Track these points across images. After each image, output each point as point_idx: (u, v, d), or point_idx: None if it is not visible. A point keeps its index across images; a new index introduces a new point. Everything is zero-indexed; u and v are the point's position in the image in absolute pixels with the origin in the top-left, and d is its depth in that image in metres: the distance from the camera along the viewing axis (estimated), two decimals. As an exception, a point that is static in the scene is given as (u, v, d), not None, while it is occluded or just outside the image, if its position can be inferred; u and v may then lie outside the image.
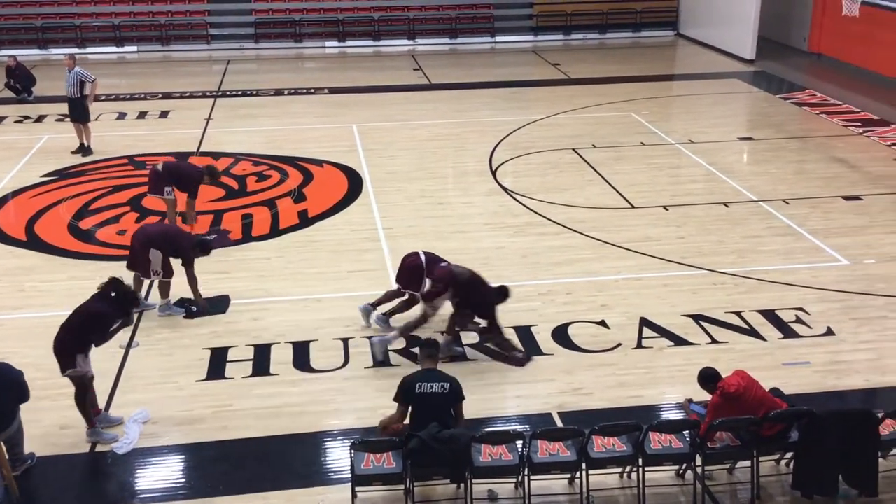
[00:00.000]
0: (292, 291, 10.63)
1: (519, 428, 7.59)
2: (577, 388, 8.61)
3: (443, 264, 9.30)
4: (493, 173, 14.85)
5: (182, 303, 10.13)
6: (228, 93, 20.68)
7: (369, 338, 9.31)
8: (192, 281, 9.90)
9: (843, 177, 14.41)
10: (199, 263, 10.03)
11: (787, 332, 9.55)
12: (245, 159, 15.63)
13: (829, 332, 9.50)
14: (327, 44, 26.18)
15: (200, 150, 16.23)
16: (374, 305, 9.71)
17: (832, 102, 19.06)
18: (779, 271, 10.95)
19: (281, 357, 9.17)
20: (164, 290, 10.04)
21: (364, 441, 6.86)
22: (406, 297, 9.49)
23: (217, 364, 9.05)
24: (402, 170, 15.06)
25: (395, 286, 9.76)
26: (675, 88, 21.62)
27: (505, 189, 14.08)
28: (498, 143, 16.43)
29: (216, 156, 15.74)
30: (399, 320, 9.41)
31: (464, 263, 11.12)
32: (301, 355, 9.20)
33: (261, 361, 9.09)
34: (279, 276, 11.06)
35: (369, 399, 8.37)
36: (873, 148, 15.93)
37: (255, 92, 20.74)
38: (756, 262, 11.26)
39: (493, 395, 8.51)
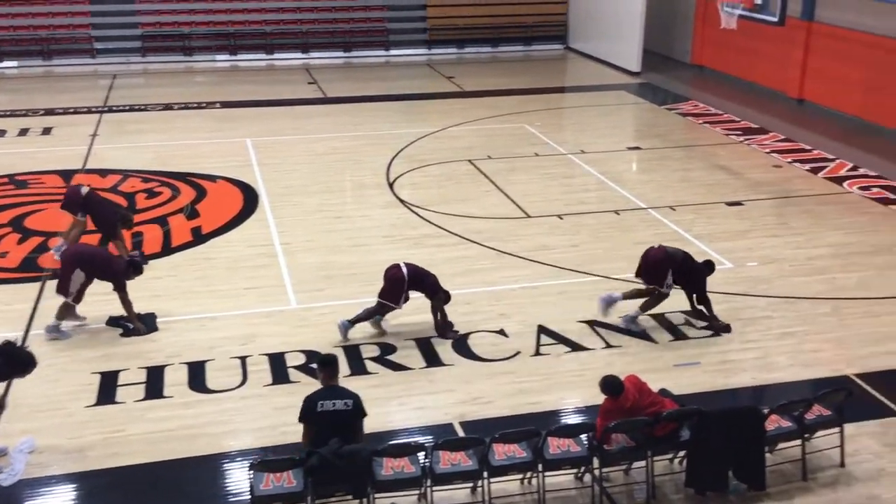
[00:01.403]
0: (186, 310, 10.36)
1: (420, 439, 7.59)
2: (477, 397, 8.67)
3: (655, 247, 10.05)
4: (391, 186, 14.87)
5: (115, 322, 9.91)
6: (115, 108, 20.05)
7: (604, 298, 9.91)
8: (127, 304, 9.74)
9: (726, 183, 15.04)
10: (90, 286, 9.71)
11: (677, 334, 9.88)
12: (134, 176, 15.17)
13: (717, 333, 9.87)
14: (218, 57, 25.70)
15: (86, 167, 15.67)
16: (353, 322, 9.66)
17: (714, 112, 19.89)
18: (668, 276, 11.31)
19: (175, 378, 8.92)
20: (63, 313, 9.71)
21: (263, 461, 6.74)
22: (376, 303, 9.61)
23: (107, 388, 8.73)
24: (298, 184, 14.91)
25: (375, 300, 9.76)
26: (565, 100, 22.16)
27: (402, 201, 14.11)
28: (394, 156, 16.46)
29: (103, 173, 15.24)
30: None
31: (362, 277, 11.18)
32: (196, 376, 8.97)
33: (154, 384, 8.82)
34: (172, 295, 10.76)
35: (268, 418, 8.23)
36: (753, 155, 16.69)
37: (143, 107, 20.17)
38: (647, 267, 11.59)
39: (394, 407, 8.50)
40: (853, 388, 8.39)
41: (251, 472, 6.66)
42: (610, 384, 7.21)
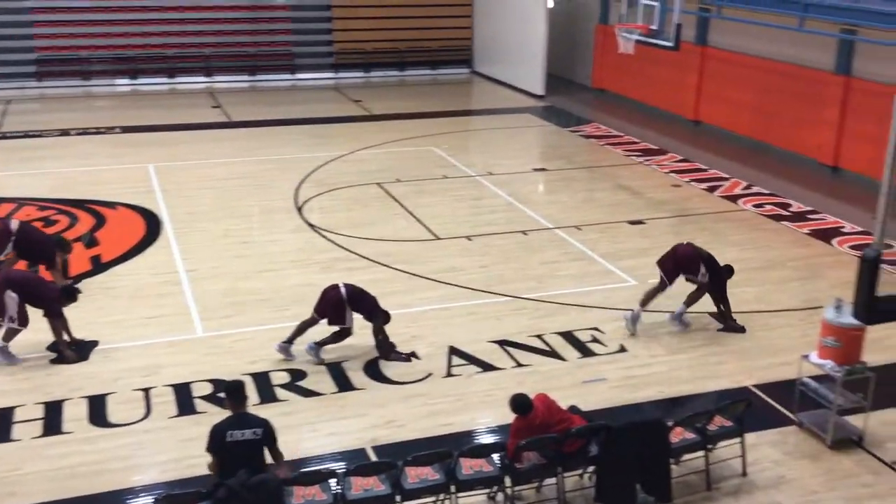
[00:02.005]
0: (86, 342, 10.01)
1: (332, 466, 7.50)
2: (389, 420, 8.64)
3: (683, 244, 10.71)
4: (299, 210, 14.74)
5: (54, 346, 9.70)
6: (9, 134, 19.30)
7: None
8: (58, 332, 9.59)
9: (628, 203, 15.47)
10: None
11: (584, 351, 10.07)
12: (29, 204, 14.60)
13: (623, 349, 10.11)
14: (118, 81, 25.05)
15: (-23, 195, 15.02)
16: (290, 341, 9.63)
17: (615, 134, 20.46)
18: (575, 294, 11.55)
19: (75, 413, 8.59)
20: (9, 336, 9.47)
21: (168, 496, 6.53)
22: (336, 330, 9.63)
23: (2, 425, 8.34)
24: (203, 210, 14.62)
25: (307, 317, 9.75)
26: (472, 123, 22.44)
27: (311, 226, 14.00)
28: (303, 180, 16.34)
29: (-4, 201, 14.64)
30: (329, 350, 9.66)
31: (271, 303, 11.03)
32: (97, 410, 8.66)
33: (52, 419, 8.48)
34: (72, 326, 10.36)
35: (173, 451, 8.01)
36: (653, 175, 17.22)
37: (39, 133, 19.48)
38: (554, 286, 11.82)
39: (305, 434, 8.38)
40: (753, 398, 8.71)
41: (156, 507, 6.46)
42: (519, 403, 7.28)
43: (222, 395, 8.29)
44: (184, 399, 8.89)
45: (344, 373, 9.47)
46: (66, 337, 9.72)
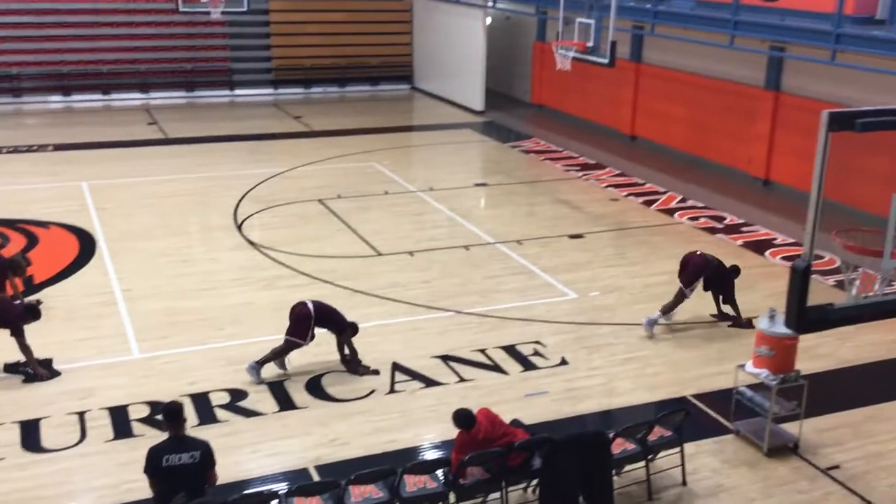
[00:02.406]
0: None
1: (275, 487, 7.40)
2: (332, 438, 8.57)
3: (697, 252, 11.00)
4: (239, 228, 14.57)
5: (14, 368, 9.57)
6: (-65, 152, 18.72)
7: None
8: (26, 350, 9.47)
9: (568, 217, 15.66)
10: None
11: (527, 364, 10.14)
12: (-43, 224, 14.18)
13: (564, 362, 10.21)
14: (51, 98, 24.50)
15: None
16: (261, 363, 9.53)
17: (555, 149, 20.71)
18: (517, 308, 11.63)
19: (6, 439, 8.33)
20: None
21: (105, 521, 6.37)
22: (283, 342, 9.56)
23: (-72, 455, 8.05)
24: (140, 228, 14.36)
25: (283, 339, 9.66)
26: (413, 139, 22.50)
27: (252, 243, 13.86)
28: (242, 197, 16.17)
29: (-79, 222, 14.16)
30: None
31: (211, 322, 10.88)
32: (30, 435, 8.41)
33: (-18, 447, 8.21)
34: (2, 349, 10.07)
35: (110, 475, 7.82)
36: (592, 190, 17.47)
37: (-33, 150, 18.94)
38: (496, 300, 11.88)
39: (246, 455, 8.26)
40: (691, 408, 8.86)
41: (92, 534, 6.29)
42: (462, 417, 7.29)
43: (160, 416, 8.15)
44: (120, 422, 8.69)
45: (286, 392, 9.37)
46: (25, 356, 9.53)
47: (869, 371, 10.21)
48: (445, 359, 10.18)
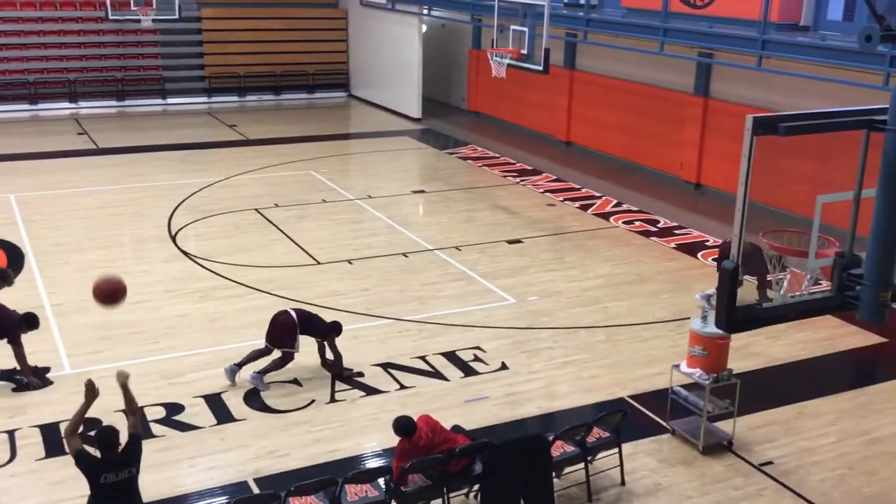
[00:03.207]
0: (-59, 385, 9.41)
1: (214, 502, 7.28)
2: (272, 450, 8.47)
3: (723, 241, 10.60)
4: (173, 238, 14.32)
5: (8, 375, 9.57)
6: None
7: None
8: (22, 358, 9.47)
9: (506, 223, 15.77)
10: None
11: (467, 370, 10.17)
12: None
13: (504, 367, 10.27)
14: (-26, 108, 23.80)
15: None
16: (240, 365, 9.59)
17: (492, 156, 20.85)
18: (456, 314, 11.67)
19: (-70, 462, 8.04)
20: None
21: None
22: (280, 354, 9.59)
23: None
24: (69, 240, 14.01)
25: (260, 345, 9.73)
26: (350, 146, 22.41)
27: (186, 254, 13.63)
28: (177, 207, 15.90)
29: None
30: (272, 376, 9.63)
31: (145, 335, 10.67)
32: (-44, 456, 8.14)
33: None
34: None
35: (40, 495, 7.61)
36: (529, 195, 17.63)
37: None
38: (436, 307, 11.90)
39: (184, 470, 8.11)
40: (628, 409, 9.00)
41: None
42: (403, 425, 7.28)
43: (93, 437, 7.93)
44: (51, 440, 8.45)
45: (223, 404, 9.24)
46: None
47: (798, 369, 10.50)
48: (385, 366, 10.15)
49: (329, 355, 9.97)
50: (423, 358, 10.39)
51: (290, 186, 17.58)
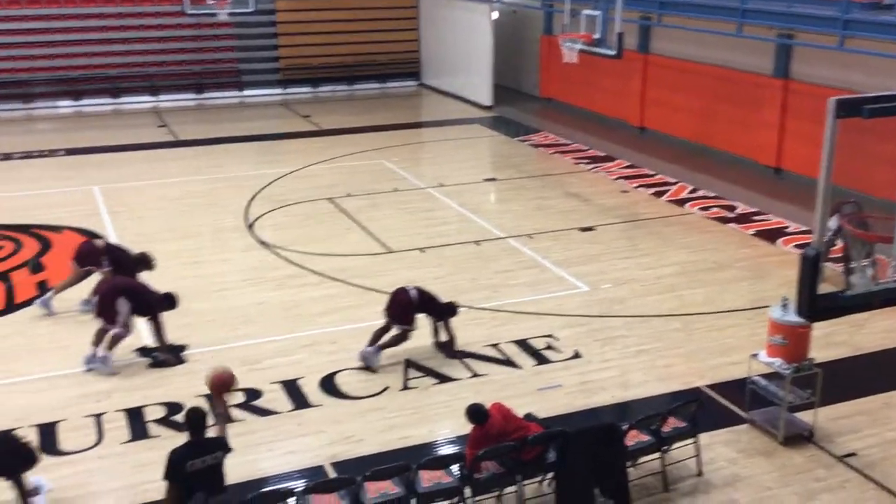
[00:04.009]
0: (33, 369, 9.82)
1: (291, 485, 7.44)
2: (347, 436, 8.60)
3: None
4: (250, 228, 14.63)
5: (146, 352, 10.08)
6: (-52, 159, 18.87)
7: None
8: (161, 335, 9.93)
9: (578, 210, 15.64)
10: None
11: (539, 358, 10.14)
12: (-29, 231, 14.29)
13: (577, 355, 10.20)
14: (60, 103, 24.64)
15: (-84, 223, 14.64)
16: (381, 347, 9.85)
17: (564, 143, 20.67)
18: (529, 302, 11.64)
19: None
20: (113, 343, 9.74)
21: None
22: (396, 331, 9.82)
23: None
24: (151, 231, 14.43)
25: (375, 325, 10.01)
26: (422, 135, 22.51)
27: (263, 243, 13.91)
28: (253, 198, 16.22)
29: (-64, 229, 14.29)
30: (390, 355, 9.86)
31: (223, 323, 10.93)
32: (47, 438, 8.48)
33: None
34: (17, 353, 10.18)
35: (128, 476, 7.87)
36: (602, 182, 17.43)
37: (-21, 157, 19.08)
38: (508, 295, 11.89)
39: (262, 454, 8.31)
40: (704, 399, 8.85)
41: (112, 535, 6.35)
42: (475, 412, 7.31)
43: (178, 417, 8.21)
44: (137, 423, 8.75)
45: (300, 390, 9.41)
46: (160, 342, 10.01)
47: (884, 358, 10.16)
48: (458, 354, 10.19)
49: (443, 336, 10.16)
50: (495, 346, 10.40)
51: (363, 176, 17.75)
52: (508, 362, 10.04)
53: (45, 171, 18.20)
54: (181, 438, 7.03)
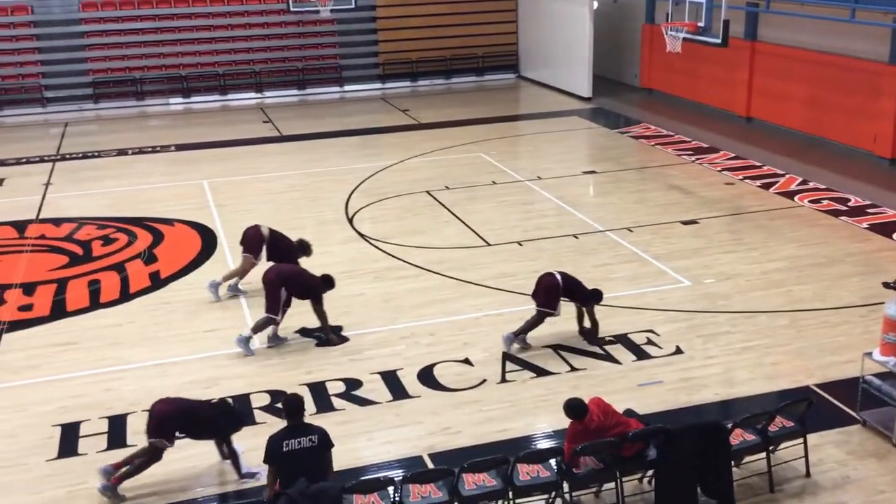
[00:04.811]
0: (147, 357, 10.25)
1: (390, 474, 7.55)
2: (445, 427, 8.66)
3: None
4: (350, 221, 14.88)
5: (309, 334, 10.59)
6: (68, 156, 19.85)
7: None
8: (323, 317, 10.37)
9: (680, 203, 15.28)
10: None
11: (639, 353, 9.97)
12: (89, 223, 15.00)
13: (679, 351, 9.98)
14: (171, 100, 25.62)
15: (40, 216, 15.47)
16: (517, 334, 10.03)
17: (665, 134, 20.23)
18: (628, 296, 11.45)
19: (139, 426, 8.75)
20: (260, 327, 10.26)
21: (230, 505, 6.65)
22: (536, 314, 10.03)
23: (69, 440, 8.57)
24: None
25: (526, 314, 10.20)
26: (520, 128, 22.41)
27: (362, 236, 14.12)
28: (353, 191, 16.49)
29: (57, 221, 15.05)
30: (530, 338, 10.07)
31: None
32: (158, 423, 8.82)
33: (117, 433, 8.67)
34: (132, 341, 10.63)
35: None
36: (705, 174, 16.98)
37: (96, 153, 20.00)
38: (607, 289, 11.60)
39: (362, 443, 8.45)
40: (814, 398, 8.52)
41: (219, 517, 6.58)
42: (574, 407, 7.24)
43: (279, 405, 8.43)
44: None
45: (399, 381, 9.53)
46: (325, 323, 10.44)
47: None
48: (556, 348, 10.12)
49: (586, 323, 10.22)
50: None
51: (460, 169, 17.80)
52: (608, 357, 9.91)
53: (156, 165, 18.96)
54: (282, 424, 7.21)
